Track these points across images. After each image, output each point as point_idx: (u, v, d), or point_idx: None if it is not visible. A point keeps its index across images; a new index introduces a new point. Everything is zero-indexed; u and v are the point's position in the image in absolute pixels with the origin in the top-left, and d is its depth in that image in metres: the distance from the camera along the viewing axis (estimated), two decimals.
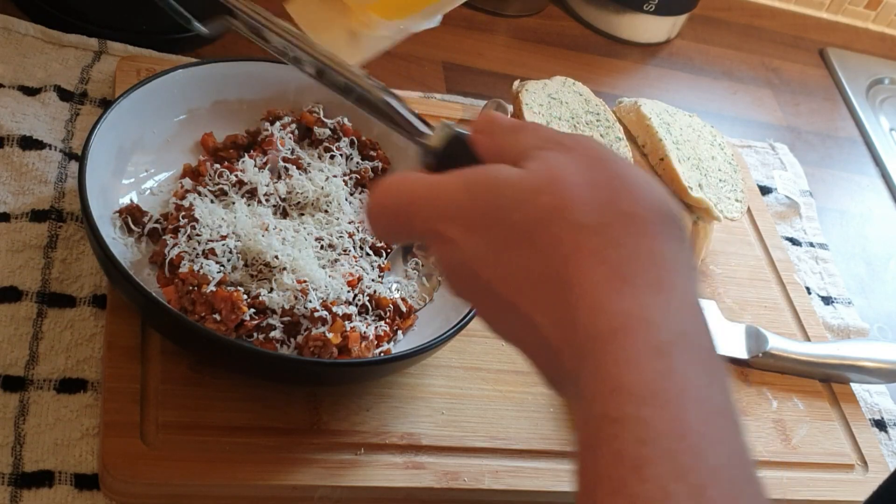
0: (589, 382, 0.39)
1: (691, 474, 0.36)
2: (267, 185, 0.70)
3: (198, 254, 0.64)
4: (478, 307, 0.46)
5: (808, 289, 0.93)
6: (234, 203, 0.68)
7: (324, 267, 0.67)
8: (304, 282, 0.64)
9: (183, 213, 0.67)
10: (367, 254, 0.70)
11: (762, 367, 0.82)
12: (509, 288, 0.42)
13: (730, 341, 0.82)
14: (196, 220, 0.66)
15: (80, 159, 0.64)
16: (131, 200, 0.69)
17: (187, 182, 0.70)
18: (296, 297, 0.64)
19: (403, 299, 0.69)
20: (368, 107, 0.54)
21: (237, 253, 0.65)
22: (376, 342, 0.66)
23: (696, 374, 0.39)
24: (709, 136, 0.92)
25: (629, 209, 0.42)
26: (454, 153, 0.48)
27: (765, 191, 1.01)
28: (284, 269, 0.65)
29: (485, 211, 0.43)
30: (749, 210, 0.96)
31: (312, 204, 0.71)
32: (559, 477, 0.67)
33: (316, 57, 0.54)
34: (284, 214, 0.70)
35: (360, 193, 0.75)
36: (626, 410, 0.37)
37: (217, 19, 0.58)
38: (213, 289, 0.63)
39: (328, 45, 0.54)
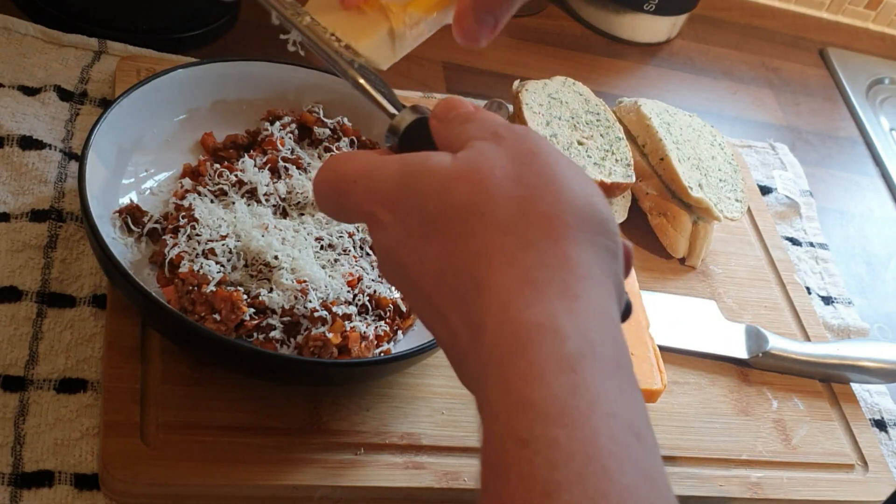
0: (493, 395, 0.37)
1: (603, 499, 0.34)
2: (267, 185, 0.70)
3: (198, 254, 0.64)
4: (403, 293, 0.46)
5: (808, 289, 0.93)
6: (234, 203, 0.68)
7: (324, 267, 0.67)
8: (304, 282, 0.64)
9: (183, 213, 0.67)
10: (367, 254, 0.70)
11: (762, 367, 0.82)
12: (426, 280, 0.42)
13: (730, 341, 0.82)
14: (196, 220, 0.66)
15: (80, 159, 0.64)
16: (131, 200, 0.69)
17: (187, 182, 0.70)
18: (296, 297, 0.64)
19: (403, 299, 0.69)
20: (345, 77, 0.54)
21: (237, 253, 0.65)
22: (376, 342, 0.66)
23: (606, 389, 0.37)
24: (709, 135, 0.92)
25: (548, 210, 0.40)
26: (416, 137, 0.48)
27: (765, 191, 1.01)
28: (284, 269, 0.65)
29: (409, 197, 0.42)
30: (749, 210, 0.96)
31: (312, 204, 0.71)
32: None
33: (301, 30, 0.53)
34: (284, 214, 0.70)
35: None
36: (535, 431, 0.35)
37: None
38: (213, 289, 0.63)
39: (370, 52, 0.54)
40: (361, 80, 0.52)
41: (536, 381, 0.36)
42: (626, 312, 0.43)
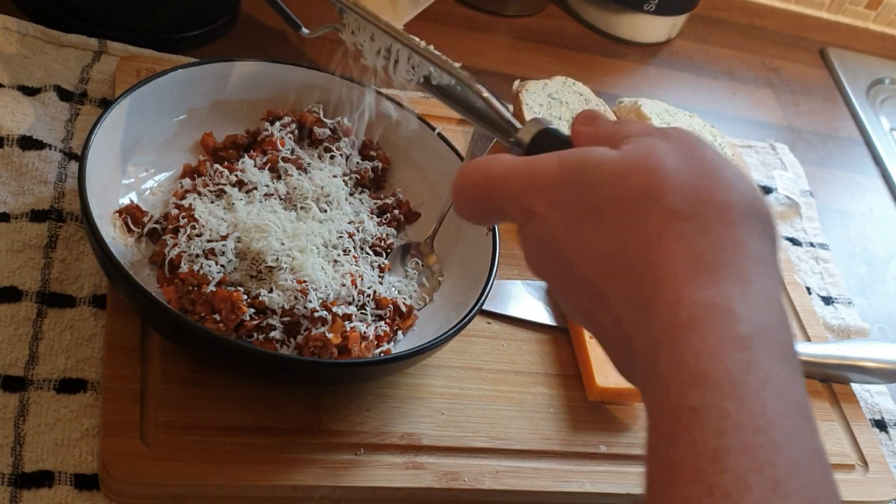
0: (665, 370, 0.39)
1: (770, 468, 0.36)
2: (267, 186, 0.70)
3: (198, 254, 0.64)
4: (553, 285, 0.46)
5: (808, 289, 0.93)
6: (234, 203, 0.68)
7: (324, 267, 0.67)
8: (304, 282, 0.64)
9: (183, 213, 0.67)
10: (367, 254, 0.70)
11: None
12: (588, 266, 0.42)
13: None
14: (196, 220, 0.66)
15: (80, 159, 0.64)
16: (131, 200, 0.69)
17: (187, 182, 0.70)
18: (296, 297, 0.64)
19: (404, 301, 0.69)
20: (455, 100, 0.54)
21: (237, 253, 0.65)
22: (376, 342, 0.66)
23: (776, 369, 0.38)
24: (709, 136, 0.92)
25: (722, 199, 0.42)
26: (543, 148, 0.49)
27: (765, 191, 1.01)
28: (284, 269, 0.65)
29: (576, 187, 0.43)
30: None
31: (312, 203, 0.71)
32: (559, 477, 0.67)
33: (418, 51, 0.54)
34: (285, 214, 0.70)
35: (360, 193, 0.75)
36: (707, 401, 0.37)
37: (324, 25, 0.60)
38: (213, 289, 0.63)
39: (372, 8, 0.55)
40: (486, 94, 0.53)
41: (710, 356, 0.38)
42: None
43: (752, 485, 0.35)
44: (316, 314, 0.63)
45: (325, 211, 0.70)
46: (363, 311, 0.67)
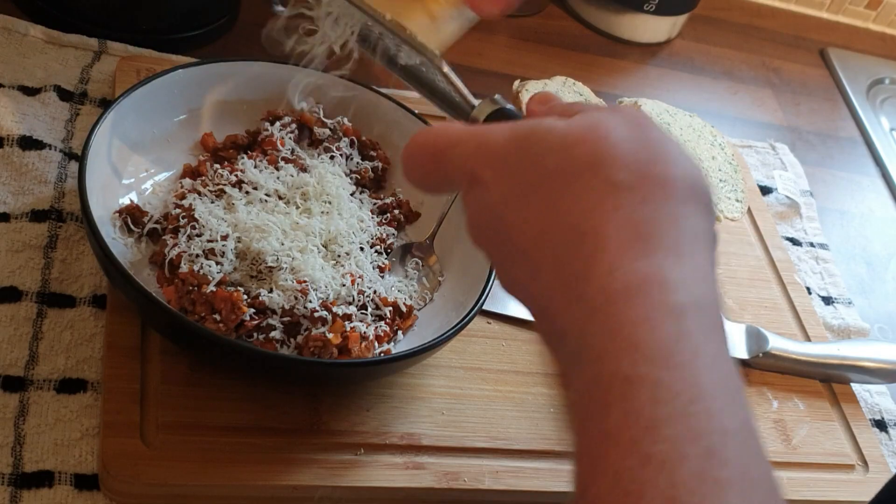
0: (598, 339, 0.39)
1: (705, 437, 0.35)
2: (265, 185, 0.70)
3: (198, 254, 0.64)
4: (492, 255, 0.46)
5: (808, 289, 0.93)
6: (234, 203, 0.68)
7: (324, 267, 0.67)
8: (304, 282, 0.64)
9: (183, 213, 0.67)
10: (367, 254, 0.70)
11: (762, 368, 0.82)
12: (526, 235, 0.43)
13: (730, 341, 0.82)
14: (196, 220, 0.66)
15: (80, 159, 0.64)
16: (131, 200, 0.69)
17: (187, 182, 0.70)
18: (296, 297, 0.64)
19: (404, 301, 0.69)
20: (419, 81, 0.54)
21: (237, 253, 0.65)
22: (376, 342, 0.66)
23: (709, 341, 0.39)
24: (709, 136, 0.92)
25: (663, 172, 0.42)
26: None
27: (765, 191, 1.01)
28: (284, 269, 0.65)
29: (522, 155, 0.43)
30: (749, 210, 0.96)
31: (312, 203, 0.71)
32: (559, 477, 0.67)
33: (377, 19, 0.54)
34: (285, 214, 0.70)
35: (360, 193, 0.75)
36: (641, 370, 0.37)
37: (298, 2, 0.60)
38: (213, 289, 0.63)
39: (419, 32, 0.55)
40: (446, 69, 0.53)
41: (645, 325, 0.38)
42: None
43: (688, 454, 0.35)
44: (316, 314, 0.63)
45: (326, 212, 0.70)
46: (363, 311, 0.66)
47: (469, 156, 0.45)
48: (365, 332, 0.65)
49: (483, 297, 0.66)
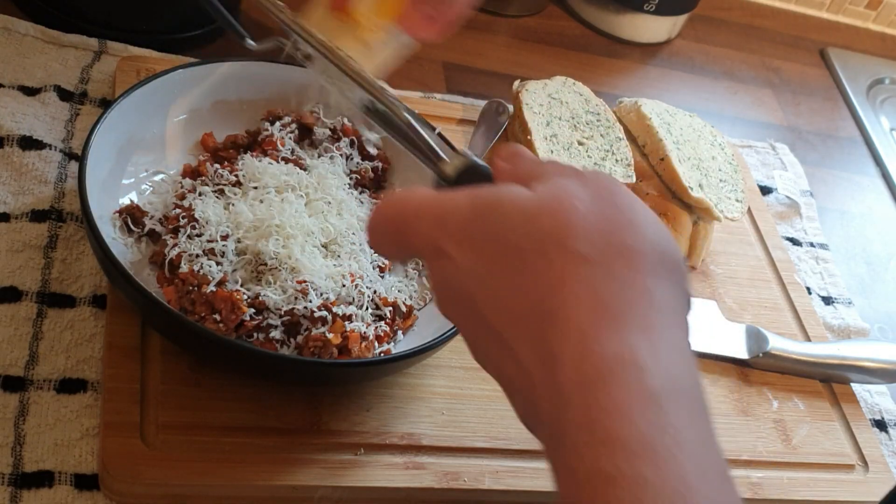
0: (574, 431, 0.37)
1: None
2: (264, 179, 0.70)
3: (198, 254, 0.64)
4: (462, 329, 0.44)
5: (808, 289, 0.93)
6: (234, 203, 0.68)
7: (324, 267, 0.67)
8: (304, 282, 0.64)
9: (183, 213, 0.67)
10: (368, 254, 0.70)
11: (762, 368, 0.82)
12: (495, 312, 0.41)
13: (730, 341, 0.82)
14: (196, 220, 0.66)
15: (80, 159, 0.64)
16: (131, 200, 0.69)
17: (187, 182, 0.70)
18: (296, 298, 0.64)
19: (404, 301, 0.69)
20: (389, 126, 0.54)
21: (237, 253, 0.65)
22: (376, 342, 0.66)
23: (690, 426, 0.37)
24: (709, 136, 0.92)
25: (629, 244, 0.40)
26: (469, 182, 0.47)
27: (765, 191, 1.01)
28: (284, 269, 0.65)
29: (484, 228, 0.42)
30: (749, 210, 0.96)
31: (313, 203, 0.71)
32: None
33: (346, 72, 0.54)
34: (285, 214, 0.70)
35: (360, 193, 0.75)
36: (621, 467, 0.35)
37: (269, 38, 0.60)
38: (213, 289, 0.63)
39: (352, 54, 0.55)
40: (415, 123, 0.52)
41: (619, 416, 0.36)
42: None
43: None
44: (316, 314, 0.63)
45: (325, 212, 0.70)
46: (363, 311, 0.66)
47: (431, 228, 0.43)
48: (365, 332, 0.65)
49: None
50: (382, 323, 0.67)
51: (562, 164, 0.45)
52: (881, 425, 0.84)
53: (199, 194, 0.69)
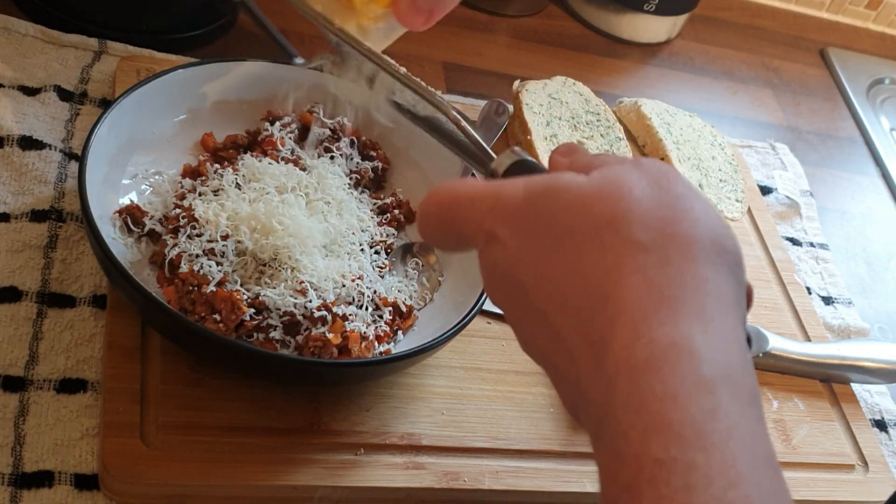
0: (623, 415, 0.36)
1: None
2: (264, 178, 0.70)
3: (198, 254, 0.64)
4: (510, 316, 0.44)
5: (808, 289, 0.93)
6: (234, 203, 0.68)
7: (324, 267, 0.67)
8: (304, 282, 0.64)
9: (183, 213, 0.67)
10: (368, 254, 0.70)
11: (763, 368, 0.82)
12: (544, 296, 0.40)
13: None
14: (196, 220, 0.66)
15: (80, 159, 0.64)
16: (131, 200, 0.69)
17: (187, 182, 0.70)
18: (296, 298, 0.64)
19: (404, 301, 0.69)
20: (434, 129, 0.55)
21: (237, 253, 0.65)
22: (376, 342, 0.66)
23: (742, 416, 0.36)
24: (709, 136, 0.92)
25: (686, 232, 0.40)
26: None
27: (765, 191, 1.01)
28: (284, 269, 0.65)
29: (539, 212, 0.41)
30: (749, 210, 0.96)
31: (313, 203, 0.71)
32: (559, 477, 0.67)
33: (399, 78, 0.55)
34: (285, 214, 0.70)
35: (360, 193, 0.75)
36: (672, 452, 0.34)
37: (317, 56, 0.61)
38: (213, 289, 0.63)
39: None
40: (464, 123, 0.53)
41: (672, 402, 0.35)
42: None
43: None
44: (316, 314, 0.63)
45: (325, 212, 0.70)
46: (363, 311, 0.66)
47: (485, 213, 0.43)
48: (365, 332, 0.65)
49: (483, 297, 0.66)
50: (382, 323, 0.67)
51: (620, 156, 0.45)
52: (881, 425, 0.84)
53: (199, 194, 0.69)
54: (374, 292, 0.67)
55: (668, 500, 0.34)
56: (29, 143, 0.74)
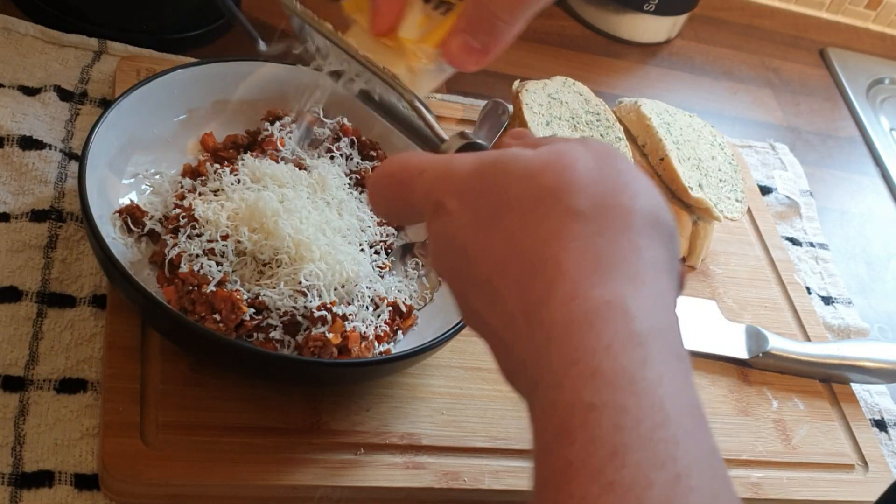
0: (559, 366, 0.38)
1: (671, 463, 0.35)
2: (265, 175, 0.70)
3: (198, 254, 0.64)
4: (453, 284, 0.46)
5: (808, 289, 0.93)
6: (234, 203, 0.68)
7: (324, 266, 0.66)
8: (304, 282, 0.64)
9: (183, 213, 0.67)
10: (368, 253, 0.70)
11: (762, 367, 0.82)
12: (487, 263, 0.42)
13: (730, 341, 0.82)
14: (196, 220, 0.66)
15: (80, 159, 0.64)
16: (131, 200, 0.69)
17: (187, 182, 0.70)
18: (296, 298, 0.64)
19: (404, 301, 0.69)
20: (392, 115, 0.55)
21: (237, 252, 0.65)
22: (376, 342, 0.66)
23: (671, 368, 0.38)
24: (709, 136, 0.92)
25: (624, 204, 0.42)
26: None
27: (765, 191, 1.01)
28: (284, 268, 0.65)
29: (487, 183, 0.43)
30: (749, 210, 0.96)
31: (313, 203, 0.71)
32: None
33: (356, 58, 0.55)
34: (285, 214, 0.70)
35: (360, 193, 0.75)
36: (603, 396, 0.36)
37: (280, 41, 0.61)
38: (213, 289, 0.63)
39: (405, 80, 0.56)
40: (418, 103, 0.53)
41: (605, 352, 0.37)
42: None
43: (654, 480, 0.34)
44: (316, 314, 0.63)
45: (325, 212, 0.70)
46: (363, 311, 0.66)
47: (434, 184, 0.45)
48: (365, 332, 0.65)
49: None
50: (382, 323, 0.67)
51: (565, 136, 0.46)
52: (881, 425, 0.84)
53: (199, 194, 0.69)
54: (374, 292, 0.67)
55: (600, 439, 0.35)
56: (29, 143, 0.74)
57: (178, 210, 0.67)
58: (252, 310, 0.63)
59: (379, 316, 0.67)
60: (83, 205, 0.61)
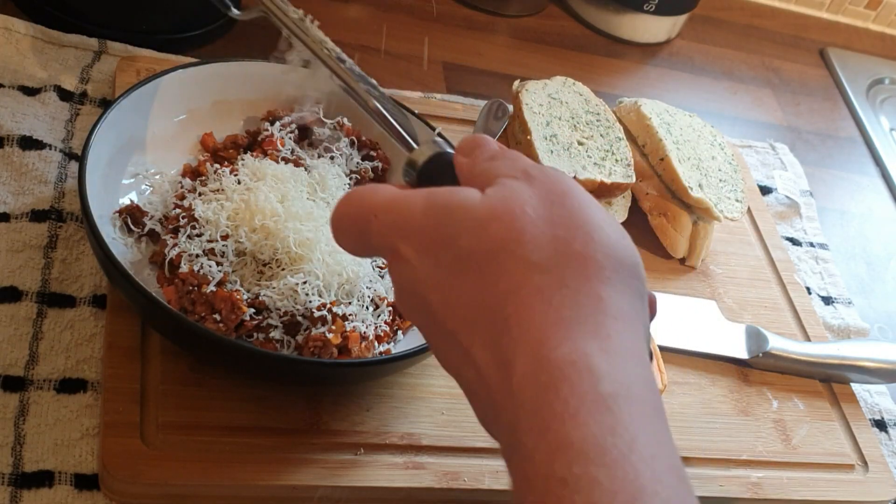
0: (528, 437, 0.37)
1: None
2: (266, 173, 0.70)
3: (198, 254, 0.64)
4: (423, 331, 0.45)
5: (808, 289, 0.93)
6: (234, 203, 0.68)
7: (324, 266, 0.66)
8: (305, 282, 0.64)
9: (183, 213, 0.67)
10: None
11: (762, 367, 0.82)
12: (452, 316, 0.41)
13: (730, 341, 0.82)
14: (196, 220, 0.66)
15: (80, 159, 0.64)
16: (131, 200, 0.69)
17: (187, 182, 0.70)
18: (296, 297, 0.64)
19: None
20: (365, 109, 0.54)
21: (237, 252, 0.65)
22: (376, 342, 0.66)
23: (644, 429, 0.37)
24: (709, 136, 0.92)
25: (581, 250, 0.40)
26: (435, 172, 0.48)
27: (765, 191, 1.01)
28: (284, 268, 0.65)
29: (437, 232, 0.42)
30: (749, 210, 0.96)
31: (313, 203, 0.71)
32: None
33: (325, 61, 0.54)
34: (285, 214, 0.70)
35: None
36: (574, 470, 0.35)
37: (252, 8, 0.60)
38: (213, 289, 0.63)
39: None
40: (381, 108, 0.52)
41: (574, 420, 0.36)
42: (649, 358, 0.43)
43: None
44: (316, 314, 0.63)
45: (325, 212, 0.70)
46: (363, 311, 0.66)
47: (388, 229, 0.44)
48: (365, 332, 0.65)
49: None
50: (382, 323, 0.67)
51: (516, 160, 0.45)
52: (881, 425, 0.84)
53: (199, 194, 0.69)
54: (374, 292, 0.67)
55: None
56: (29, 143, 0.74)
57: (178, 210, 0.67)
58: (252, 310, 0.63)
59: (379, 316, 0.67)
60: (83, 205, 0.61)
